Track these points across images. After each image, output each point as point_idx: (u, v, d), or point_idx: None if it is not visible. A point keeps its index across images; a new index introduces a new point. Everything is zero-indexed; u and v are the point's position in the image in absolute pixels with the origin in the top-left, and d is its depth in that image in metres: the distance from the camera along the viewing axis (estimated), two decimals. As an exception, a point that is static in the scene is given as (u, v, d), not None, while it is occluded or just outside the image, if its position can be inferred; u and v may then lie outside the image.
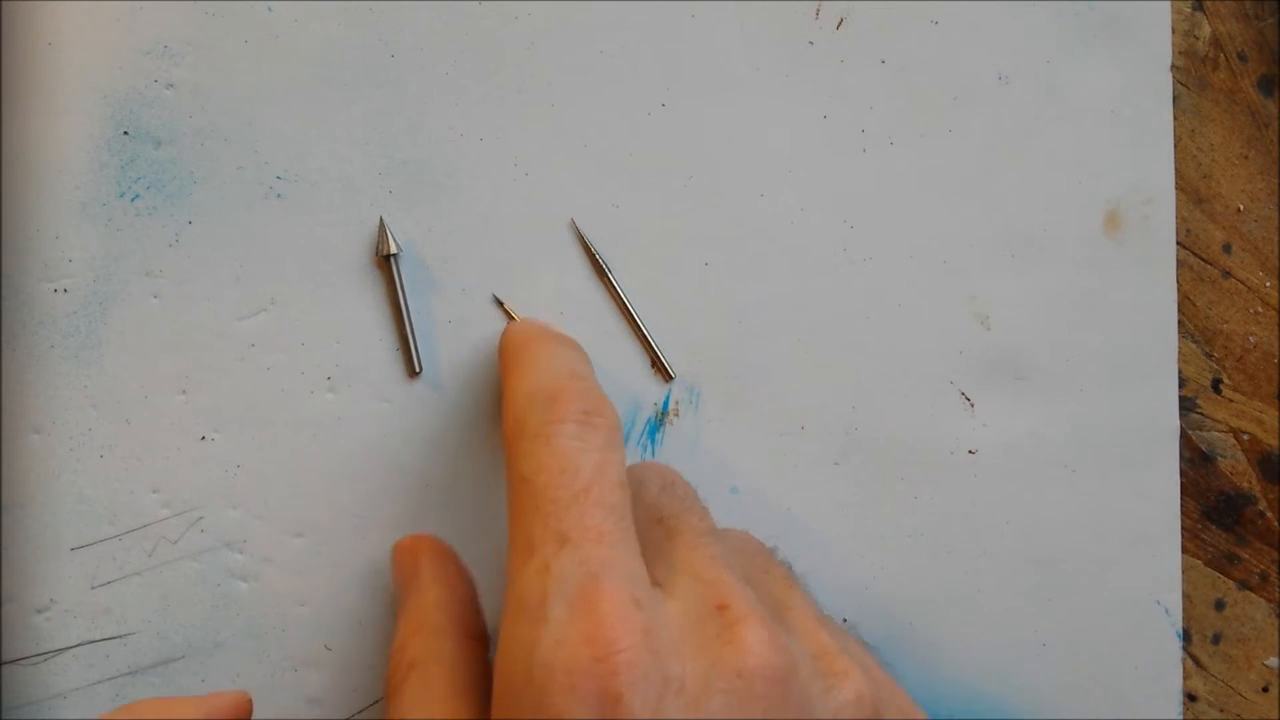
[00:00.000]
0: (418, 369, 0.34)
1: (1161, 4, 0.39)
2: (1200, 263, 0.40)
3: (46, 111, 0.33)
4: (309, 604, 0.34)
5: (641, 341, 0.36)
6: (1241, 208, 0.40)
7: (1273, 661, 0.40)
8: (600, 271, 0.36)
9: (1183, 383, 0.39)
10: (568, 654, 0.25)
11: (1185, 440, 0.39)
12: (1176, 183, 0.39)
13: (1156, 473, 0.38)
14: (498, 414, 0.35)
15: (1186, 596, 0.39)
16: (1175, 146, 0.39)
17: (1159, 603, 0.38)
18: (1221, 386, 0.40)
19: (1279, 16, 0.40)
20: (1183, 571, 0.39)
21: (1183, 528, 0.39)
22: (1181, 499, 0.39)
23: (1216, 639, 0.39)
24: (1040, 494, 0.37)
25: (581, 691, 0.25)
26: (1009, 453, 0.37)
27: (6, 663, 0.33)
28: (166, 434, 0.33)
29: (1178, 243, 0.39)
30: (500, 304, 0.34)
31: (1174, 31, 0.39)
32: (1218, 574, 0.39)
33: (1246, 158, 0.40)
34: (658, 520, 0.29)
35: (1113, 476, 0.38)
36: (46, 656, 0.33)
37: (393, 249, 0.34)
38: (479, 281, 0.35)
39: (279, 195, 0.34)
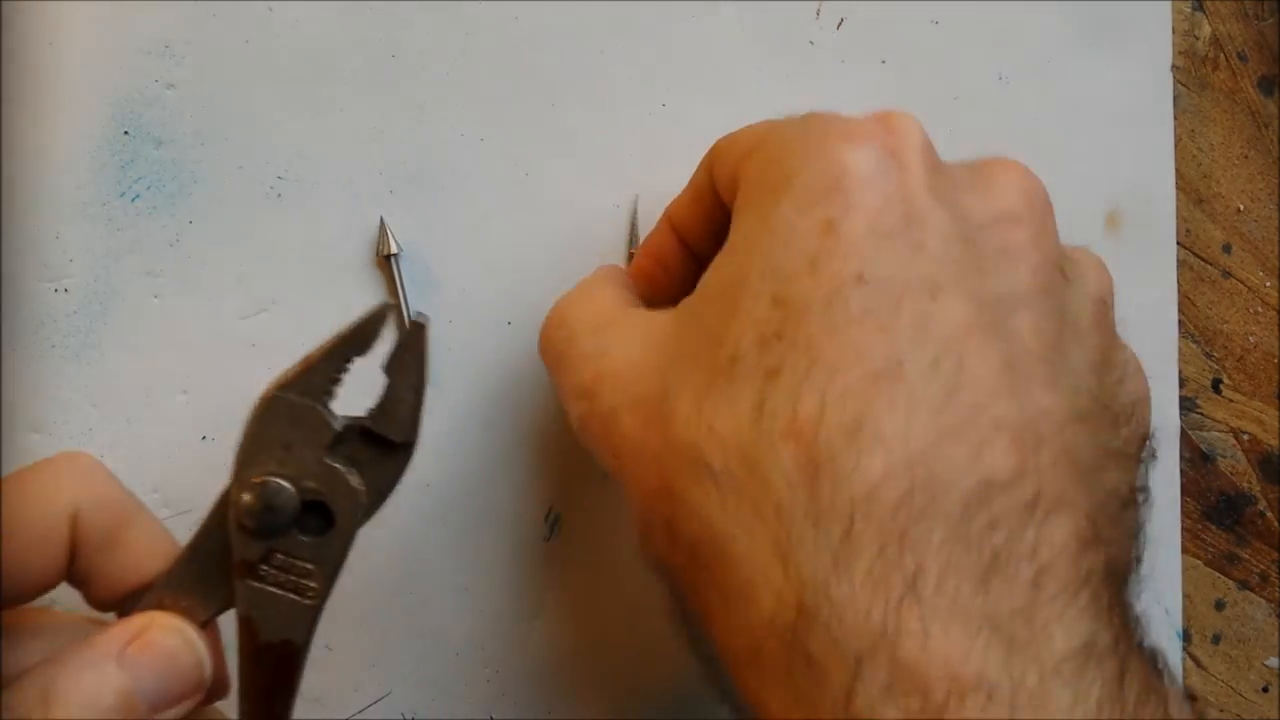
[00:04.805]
0: (418, 369, 0.34)
1: (1161, 4, 0.39)
2: (1200, 263, 0.40)
3: (47, 111, 0.33)
4: (309, 604, 0.34)
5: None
6: (1241, 208, 0.40)
7: (1273, 661, 0.40)
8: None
9: (1183, 383, 0.39)
10: (852, 121, 0.26)
11: (1185, 440, 0.39)
12: (1176, 183, 0.39)
13: (1156, 473, 0.38)
14: (498, 413, 0.35)
15: (1186, 596, 0.39)
16: (1175, 146, 0.39)
17: (1159, 603, 0.38)
18: (1221, 386, 0.40)
19: (1279, 16, 0.40)
20: (1183, 571, 0.39)
21: (1183, 528, 0.39)
22: (1181, 499, 0.39)
23: (1216, 639, 0.39)
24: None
25: (860, 142, 0.26)
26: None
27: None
28: (167, 434, 0.33)
29: (1178, 243, 0.39)
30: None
31: (1174, 31, 0.39)
32: (1218, 574, 0.39)
33: (1246, 158, 0.40)
34: None
35: (1113, 476, 0.38)
36: (47, 656, 0.33)
37: (393, 249, 0.34)
38: (479, 281, 0.35)
39: (279, 195, 0.34)
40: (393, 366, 0.27)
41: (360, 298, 0.34)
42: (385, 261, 0.34)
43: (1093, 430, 0.25)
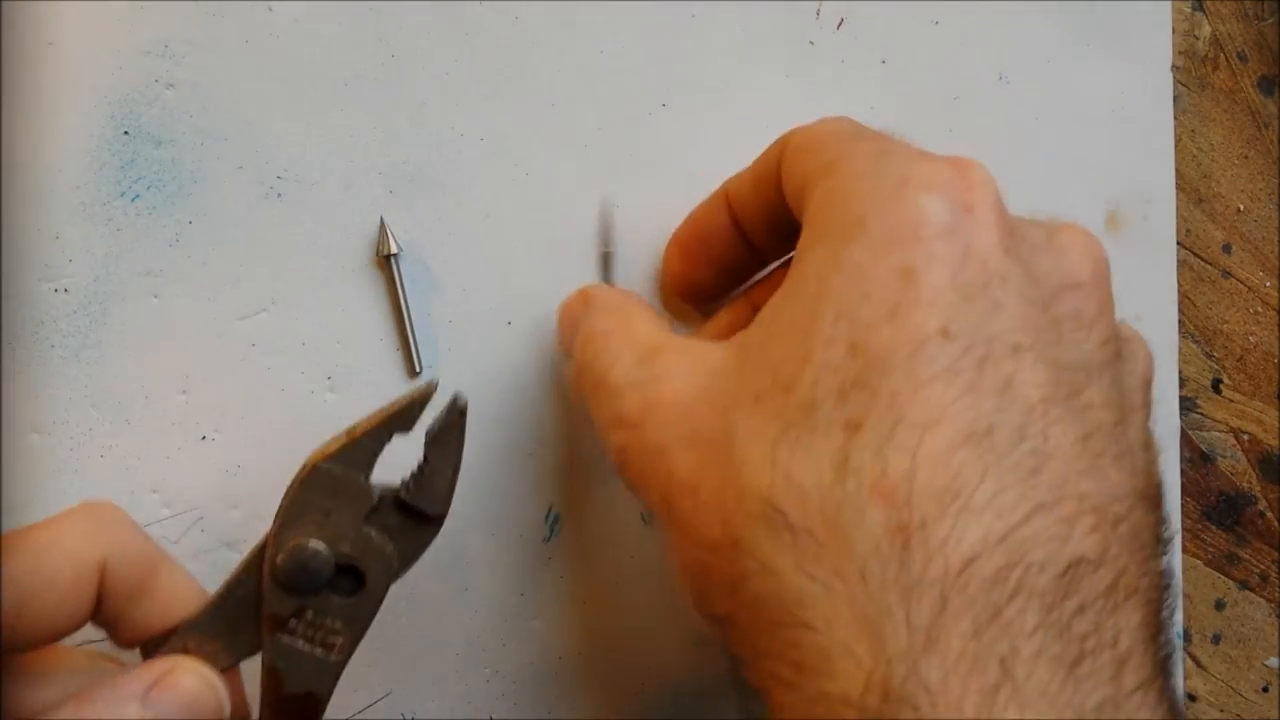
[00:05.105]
0: (418, 369, 0.34)
1: (1161, 4, 0.39)
2: (1200, 263, 0.40)
3: (47, 111, 0.33)
4: (309, 604, 0.34)
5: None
6: (1241, 208, 0.40)
7: (1273, 661, 0.40)
8: (605, 267, 0.36)
9: (1183, 383, 0.39)
10: (929, 167, 0.25)
11: (1185, 440, 0.39)
12: (1176, 183, 0.39)
13: (1156, 473, 0.38)
14: (498, 414, 0.35)
15: (1186, 596, 0.39)
16: (1175, 146, 0.39)
17: (1159, 603, 0.38)
18: (1221, 386, 0.40)
19: (1279, 16, 0.40)
20: (1183, 571, 0.39)
21: (1183, 528, 0.39)
22: (1181, 499, 0.39)
23: (1216, 639, 0.39)
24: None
25: (937, 191, 0.25)
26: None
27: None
28: (167, 434, 0.33)
29: (1178, 243, 0.39)
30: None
31: (1174, 31, 0.39)
32: (1218, 574, 0.39)
33: (1246, 158, 0.40)
34: None
35: (1113, 476, 0.38)
36: (46, 656, 0.33)
37: (393, 249, 0.34)
38: (479, 281, 0.35)
39: (279, 195, 0.34)
40: (434, 443, 0.29)
41: (360, 298, 0.34)
42: (385, 261, 0.34)
43: (1150, 512, 0.25)
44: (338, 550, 0.28)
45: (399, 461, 0.29)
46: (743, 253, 0.32)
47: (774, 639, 0.23)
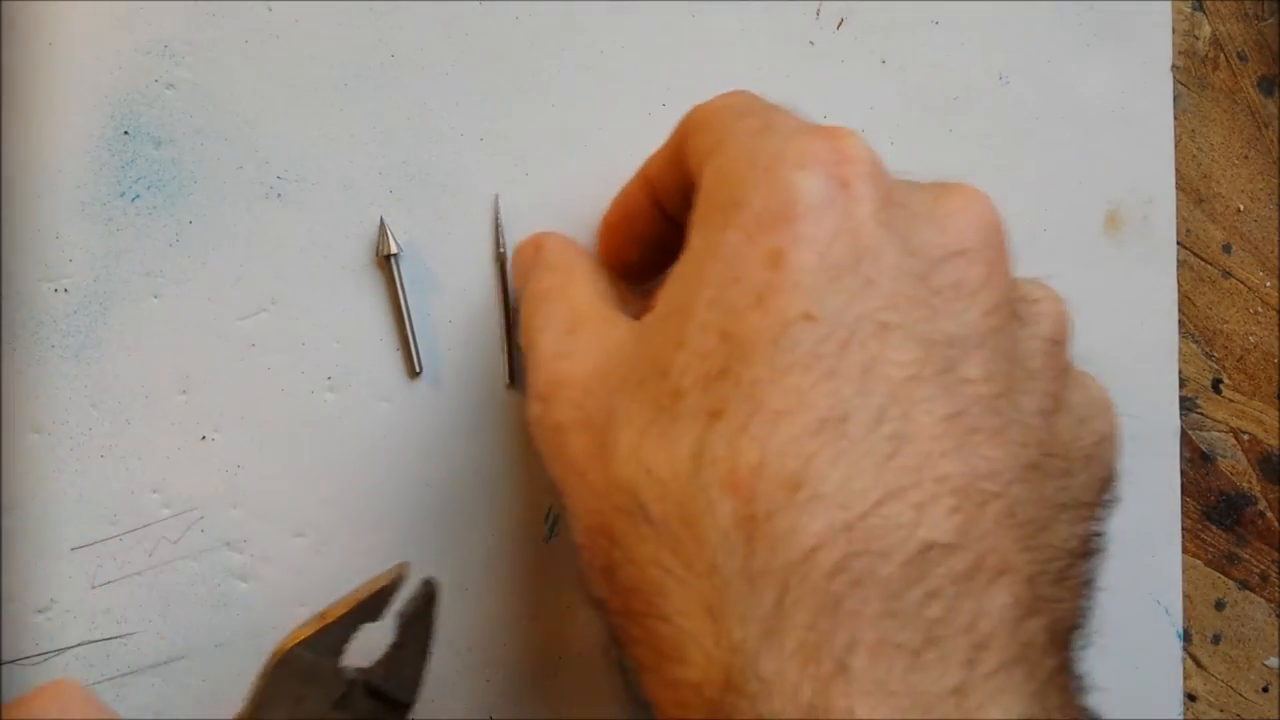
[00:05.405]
0: (418, 369, 0.34)
1: (1161, 4, 0.39)
2: (1200, 263, 0.40)
3: (47, 111, 0.33)
4: (309, 604, 0.34)
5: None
6: (1241, 208, 0.40)
7: (1273, 661, 0.40)
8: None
9: (1183, 383, 0.39)
10: (802, 143, 0.25)
11: (1185, 440, 0.39)
12: (1176, 183, 0.39)
13: (1156, 473, 0.38)
14: (498, 414, 0.35)
15: (1186, 596, 0.39)
16: (1175, 146, 0.39)
17: (1159, 603, 0.38)
18: (1221, 386, 0.40)
19: (1279, 16, 0.40)
20: (1183, 571, 0.39)
21: (1183, 528, 0.39)
22: (1181, 499, 0.39)
23: (1216, 639, 0.39)
24: (1040, 494, 0.37)
25: (810, 168, 0.24)
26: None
27: (6, 663, 0.33)
28: (167, 434, 0.33)
29: (1178, 243, 0.39)
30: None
31: (1174, 31, 0.39)
32: (1218, 574, 0.39)
33: (1246, 158, 0.40)
34: None
35: (1113, 476, 0.38)
36: (47, 656, 0.33)
37: (393, 249, 0.34)
38: (479, 281, 0.35)
39: (279, 195, 0.34)
40: (405, 627, 0.30)
41: (360, 298, 0.34)
42: (385, 261, 0.34)
43: (1040, 484, 0.24)
44: None
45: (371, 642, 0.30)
46: (667, 229, 0.32)
47: (639, 627, 0.23)
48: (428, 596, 0.30)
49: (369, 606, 0.29)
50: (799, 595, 0.21)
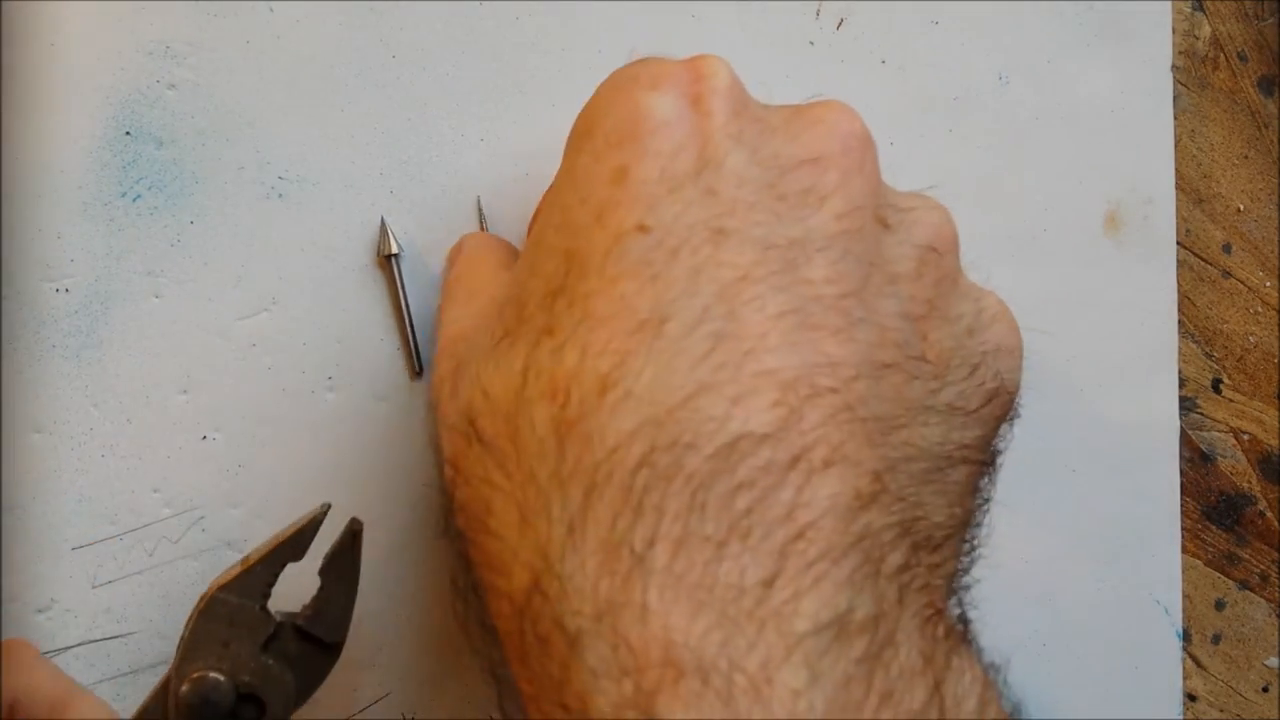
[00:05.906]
0: (418, 369, 0.35)
1: (1161, 4, 0.39)
2: (1200, 263, 0.40)
3: (48, 111, 0.33)
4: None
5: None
6: (1241, 208, 0.40)
7: (1273, 661, 0.40)
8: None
9: (1183, 383, 0.39)
10: (656, 66, 0.25)
11: (1185, 440, 0.39)
12: (1176, 183, 0.39)
13: (1156, 473, 0.38)
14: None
15: (1186, 596, 0.39)
16: (1175, 146, 0.39)
17: (1159, 603, 0.38)
18: (1221, 386, 0.40)
19: (1279, 16, 0.40)
20: (1183, 571, 0.39)
21: (1183, 528, 0.39)
22: (1181, 499, 0.39)
23: (1216, 639, 0.39)
24: (1040, 494, 0.37)
25: (665, 87, 0.24)
26: (1009, 452, 0.37)
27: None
28: (167, 434, 0.33)
29: (1178, 243, 0.39)
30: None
31: (1174, 31, 0.39)
32: (1218, 574, 0.39)
33: (1246, 158, 0.40)
34: None
35: (1113, 476, 0.38)
36: (47, 656, 0.33)
37: (394, 249, 0.34)
38: (479, 281, 0.35)
39: (280, 195, 0.34)
40: (328, 571, 0.29)
41: (361, 298, 0.34)
42: (385, 261, 0.34)
43: (898, 384, 0.24)
44: (238, 680, 0.28)
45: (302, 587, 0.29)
46: None
47: (477, 549, 0.23)
48: (353, 537, 0.30)
49: (290, 546, 0.29)
50: (603, 493, 0.21)
